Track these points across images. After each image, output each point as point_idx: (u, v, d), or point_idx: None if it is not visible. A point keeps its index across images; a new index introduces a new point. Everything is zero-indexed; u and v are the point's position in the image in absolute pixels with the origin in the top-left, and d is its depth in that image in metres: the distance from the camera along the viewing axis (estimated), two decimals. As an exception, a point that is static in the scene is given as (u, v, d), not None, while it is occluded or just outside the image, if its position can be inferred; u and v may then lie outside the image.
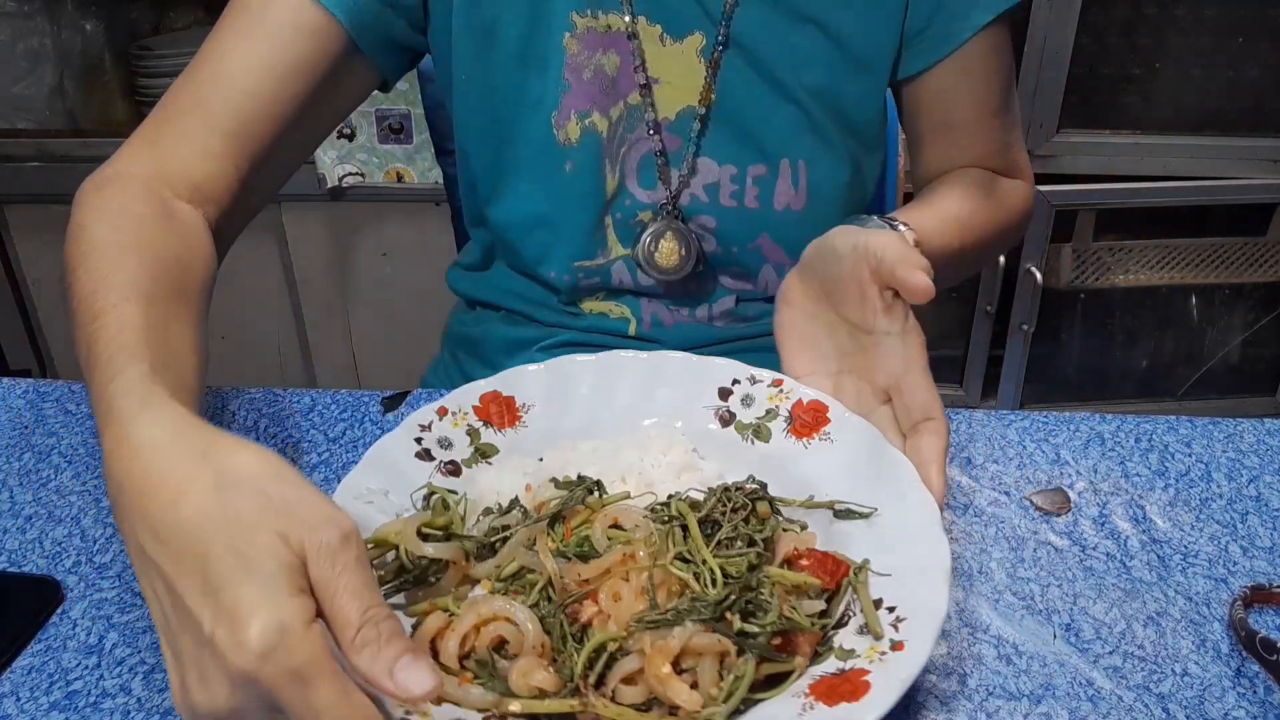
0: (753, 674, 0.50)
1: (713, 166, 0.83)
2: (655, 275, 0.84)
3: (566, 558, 0.55)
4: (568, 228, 0.85)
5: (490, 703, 0.49)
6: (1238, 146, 1.85)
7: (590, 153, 0.81)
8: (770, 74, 0.80)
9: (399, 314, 2.04)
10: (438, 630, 0.53)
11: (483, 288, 0.93)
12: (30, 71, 2.02)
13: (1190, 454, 0.74)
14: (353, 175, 1.89)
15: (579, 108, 0.80)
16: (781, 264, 0.87)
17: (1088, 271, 2.03)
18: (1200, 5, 1.79)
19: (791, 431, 0.66)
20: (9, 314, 2.09)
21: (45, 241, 2.02)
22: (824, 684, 0.50)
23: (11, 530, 0.68)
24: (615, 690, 0.50)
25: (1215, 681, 0.56)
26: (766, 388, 0.69)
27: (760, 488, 0.61)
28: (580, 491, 0.60)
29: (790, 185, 0.83)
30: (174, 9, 2.16)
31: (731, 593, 0.51)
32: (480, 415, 0.68)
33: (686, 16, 0.79)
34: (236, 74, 0.72)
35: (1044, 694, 0.55)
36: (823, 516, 0.60)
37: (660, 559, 0.53)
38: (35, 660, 0.58)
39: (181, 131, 0.72)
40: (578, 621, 0.52)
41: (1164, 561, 0.64)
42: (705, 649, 0.50)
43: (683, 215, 0.84)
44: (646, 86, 0.80)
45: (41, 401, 0.81)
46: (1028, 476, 0.72)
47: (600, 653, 0.50)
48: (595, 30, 0.79)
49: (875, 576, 0.55)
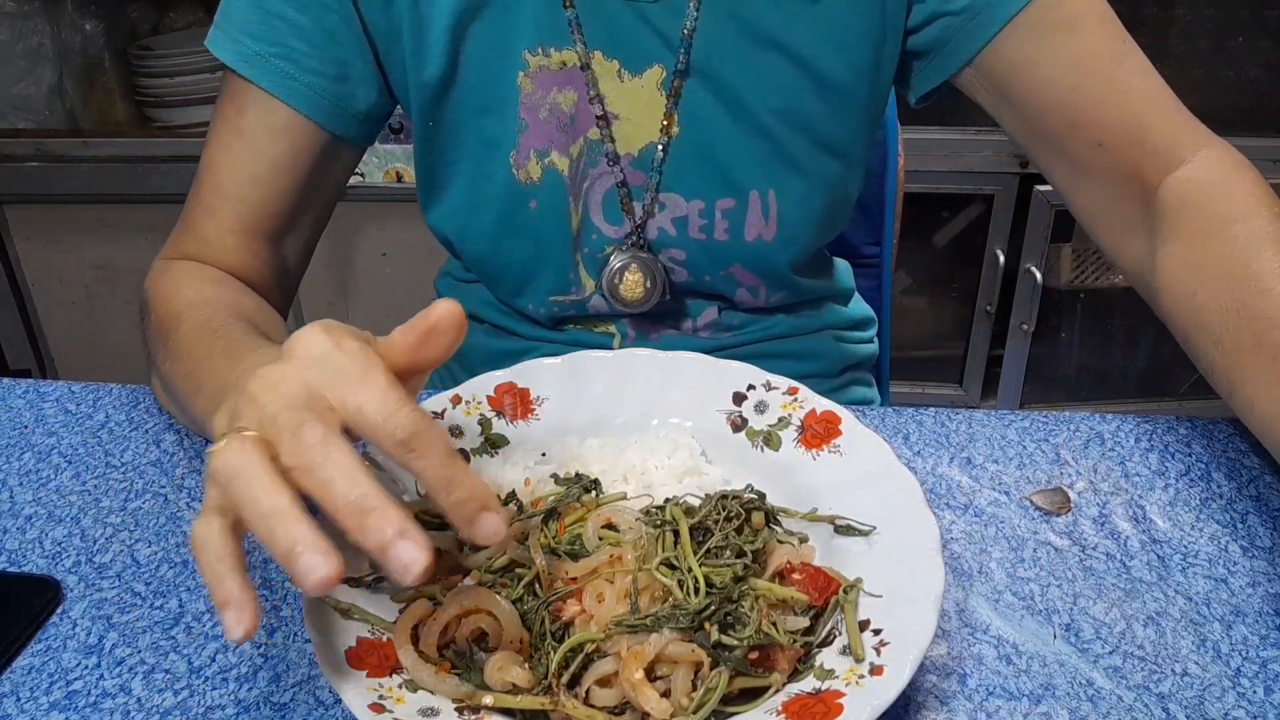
0: (724, 686, 0.49)
1: (680, 201, 0.81)
2: (621, 308, 0.84)
3: (557, 554, 0.55)
4: (539, 265, 0.84)
5: (464, 693, 0.50)
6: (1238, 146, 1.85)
7: (553, 191, 0.81)
8: (734, 100, 0.77)
9: (399, 314, 2.00)
10: (421, 617, 0.53)
11: (468, 299, 0.93)
12: (30, 71, 2.02)
13: (1190, 454, 0.74)
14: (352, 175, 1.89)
15: (537, 147, 0.79)
16: (755, 286, 0.86)
17: (1088, 271, 2.03)
18: (1200, 5, 1.79)
19: (802, 441, 0.66)
20: (9, 314, 2.09)
21: (45, 241, 2.02)
22: (797, 702, 0.49)
23: (11, 530, 0.68)
24: (589, 692, 0.50)
25: (1215, 681, 0.56)
26: (781, 395, 0.68)
27: (758, 498, 0.60)
28: (577, 489, 0.60)
29: (760, 217, 0.81)
30: (174, 9, 2.16)
31: (712, 603, 0.51)
32: (494, 405, 0.68)
33: (645, 48, 0.77)
34: (230, 184, 0.79)
35: (1044, 694, 0.55)
36: (824, 530, 0.60)
37: (646, 563, 0.53)
38: (35, 660, 0.58)
39: (203, 238, 0.80)
40: (560, 619, 0.52)
41: (1164, 561, 0.64)
42: (680, 658, 0.50)
43: (649, 247, 0.83)
44: (604, 119, 0.79)
45: (41, 401, 0.82)
46: (1028, 476, 0.72)
47: (577, 653, 0.50)
48: (548, 68, 0.77)
49: (865, 597, 0.54)
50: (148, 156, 1.92)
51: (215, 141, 0.79)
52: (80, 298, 2.08)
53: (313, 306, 2.06)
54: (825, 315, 0.94)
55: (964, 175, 1.91)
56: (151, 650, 0.59)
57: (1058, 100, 0.74)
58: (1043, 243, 1.92)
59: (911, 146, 1.23)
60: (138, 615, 0.61)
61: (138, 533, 0.68)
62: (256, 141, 0.78)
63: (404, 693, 0.49)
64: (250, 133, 0.78)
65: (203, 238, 0.80)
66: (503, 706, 0.50)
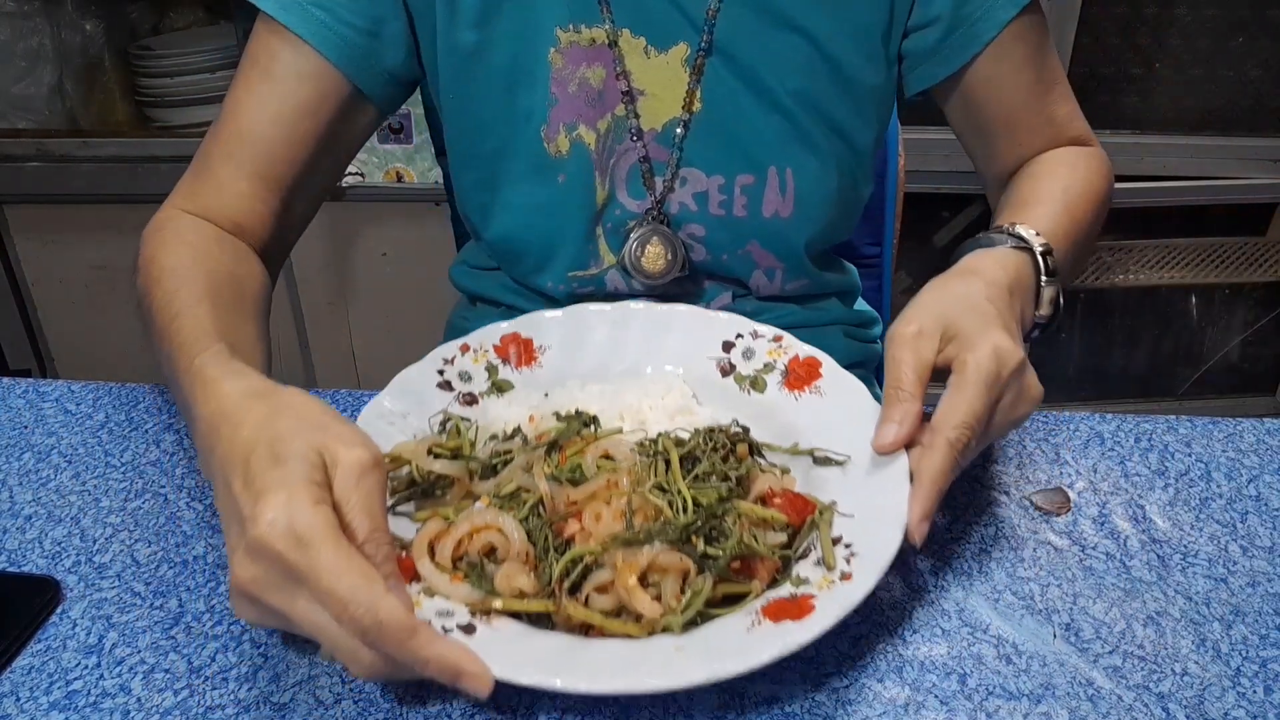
0: (709, 591, 0.55)
1: (700, 176, 0.83)
2: (642, 280, 0.85)
3: (559, 481, 0.60)
4: (561, 239, 0.86)
5: (476, 599, 0.55)
6: (1237, 146, 1.85)
7: (580, 165, 0.82)
8: (754, 80, 0.80)
9: (399, 314, 2.04)
10: (436, 534, 0.58)
11: (485, 284, 0.94)
12: (30, 71, 2.02)
13: (1190, 454, 0.74)
14: (353, 175, 1.89)
15: (566, 120, 0.81)
16: (773, 268, 0.87)
17: (1088, 271, 2.03)
18: (1200, 5, 1.79)
19: (785, 384, 0.71)
20: (9, 314, 2.09)
21: (45, 241, 2.02)
22: (774, 606, 0.54)
23: (11, 530, 0.68)
24: (589, 597, 0.55)
25: (1215, 681, 0.56)
26: (768, 342, 0.73)
27: (743, 431, 0.66)
28: (577, 424, 0.66)
29: (778, 193, 0.83)
30: (174, 9, 2.16)
31: (699, 519, 0.57)
32: (499, 354, 0.74)
33: (670, 26, 0.80)
34: (253, 126, 0.79)
35: (1044, 694, 0.55)
36: (804, 463, 0.65)
37: (640, 487, 0.59)
38: (35, 660, 0.58)
39: (215, 182, 0.80)
40: (561, 536, 0.57)
41: (1164, 561, 0.64)
42: (669, 566, 0.55)
43: (669, 221, 0.84)
44: (629, 95, 0.81)
45: (41, 401, 0.82)
46: (1028, 476, 0.72)
47: (577, 563, 0.56)
48: (579, 44, 0.80)
49: (839, 518, 0.60)
50: (148, 156, 1.92)
51: (242, 86, 0.80)
52: (80, 298, 2.08)
53: (313, 306, 2.06)
54: (835, 311, 0.95)
55: (964, 175, 1.91)
56: (151, 650, 0.59)
57: (1004, 113, 0.86)
58: (1043, 243, 1.92)
59: (911, 146, 1.23)
60: (138, 615, 0.61)
61: (138, 533, 0.68)
62: (284, 85, 0.79)
63: (422, 598, 0.55)
64: (280, 76, 0.79)
65: (215, 183, 0.80)
66: (511, 609, 0.55)
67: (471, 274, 0.97)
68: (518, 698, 0.55)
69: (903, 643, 0.59)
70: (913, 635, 0.59)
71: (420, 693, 0.56)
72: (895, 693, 0.56)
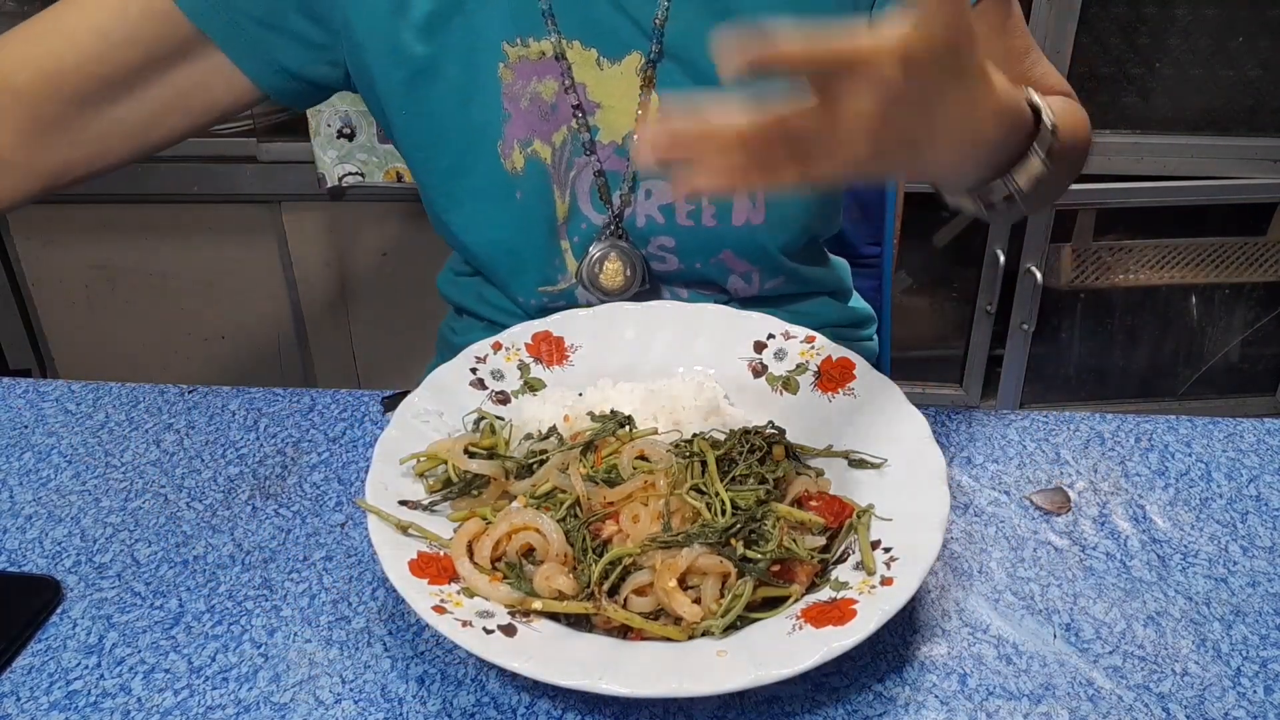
0: (750, 594, 0.55)
1: (665, 188, 0.80)
2: (601, 297, 0.83)
3: (595, 482, 0.61)
4: (526, 254, 0.84)
5: (516, 600, 0.56)
6: (1238, 146, 1.85)
7: (537, 181, 0.81)
8: (710, 84, 0.77)
9: (399, 314, 2.04)
10: (475, 534, 0.59)
11: (467, 295, 0.93)
12: (30, 71, 2.02)
13: (1190, 454, 0.74)
14: (352, 175, 1.89)
15: (520, 137, 0.79)
16: (749, 272, 0.85)
17: (1088, 271, 2.03)
18: (1200, 5, 1.79)
19: (818, 386, 0.71)
20: (9, 314, 2.09)
21: (45, 241, 2.02)
22: (815, 609, 0.54)
23: (11, 530, 0.68)
24: (627, 599, 0.55)
25: (1215, 681, 0.56)
26: (800, 344, 0.74)
27: (779, 433, 0.65)
28: (612, 424, 0.66)
29: (748, 201, 0.81)
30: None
31: (738, 522, 0.57)
32: (531, 352, 0.75)
33: (621, 36, 0.77)
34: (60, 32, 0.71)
35: (1044, 694, 0.55)
36: (839, 465, 0.65)
37: (677, 488, 0.59)
38: (35, 660, 0.58)
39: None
40: (599, 538, 0.58)
41: (1164, 561, 0.64)
42: (709, 569, 0.55)
43: (628, 236, 0.82)
44: (579, 108, 0.79)
45: (41, 401, 0.82)
46: (1028, 476, 0.72)
47: (616, 565, 0.56)
48: (527, 58, 0.78)
49: (877, 521, 0.59)
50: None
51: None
52: (80, 298, 2.07)
53: (313, 306, 2.06)
54: (823, 312, 0.94)
55: (964, 175, 1.90)
56: (151, 650, 0.59)
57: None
58: (1043, 243, 1.92)
59: (911, 146, 1.23)
60: (138, 615, 0.61)
61: (138, 533, 0.68)
62: (129, 10, 0.72)
63: (462, 598, 0.55)
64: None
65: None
66: (550, 610, 0.55)
67: (455, 282, 0.95)
68: (518, 696, 0.55)
69: (903, 643, 0.59)
70: (913, 635, 0.59)
71: (421, 692, 0.56)
72: (895, 693, 0.56)
